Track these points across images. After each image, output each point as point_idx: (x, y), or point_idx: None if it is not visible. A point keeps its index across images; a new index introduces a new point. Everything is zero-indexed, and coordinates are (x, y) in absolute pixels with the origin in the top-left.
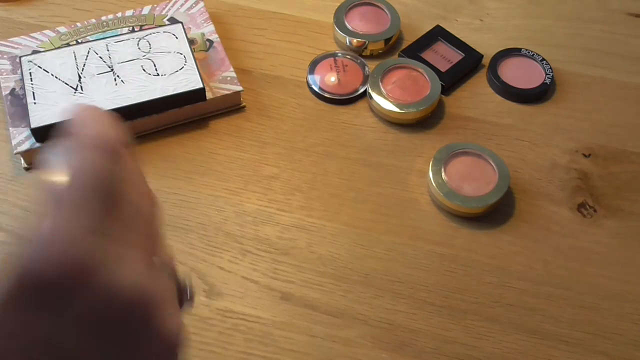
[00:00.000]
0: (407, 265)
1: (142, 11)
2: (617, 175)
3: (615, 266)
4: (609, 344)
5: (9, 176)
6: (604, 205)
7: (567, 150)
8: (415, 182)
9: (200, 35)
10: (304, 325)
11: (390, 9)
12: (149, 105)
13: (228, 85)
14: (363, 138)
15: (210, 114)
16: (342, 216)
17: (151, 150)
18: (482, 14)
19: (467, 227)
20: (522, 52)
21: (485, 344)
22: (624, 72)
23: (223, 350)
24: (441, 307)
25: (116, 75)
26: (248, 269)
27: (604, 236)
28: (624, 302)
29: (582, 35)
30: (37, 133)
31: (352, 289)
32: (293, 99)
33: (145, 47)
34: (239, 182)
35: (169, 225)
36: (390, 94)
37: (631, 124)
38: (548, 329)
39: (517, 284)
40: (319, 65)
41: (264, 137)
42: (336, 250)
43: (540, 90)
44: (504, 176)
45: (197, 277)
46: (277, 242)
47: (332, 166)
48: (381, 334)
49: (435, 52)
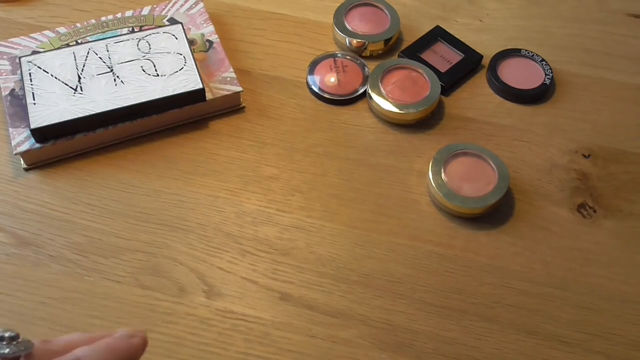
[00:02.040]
0: (407, 266)
1: (142, 12)
2: (617, 175)
3: (615, 267)
4: (608, 344)
5: (9, 177)
6: (604, 205)
7: (567, 151)
8: (414, 182)
9: (200, 36)
10: (304, 325)
11: (390, 9)
12: (149, 106)
13: (228, 85)
14: (363, 138)
15: (209, 114)
16: (342, 217)
17: (151, 151)
18: (481, 14)
19: (467, 227)
20: (521, 53)
21: (485, 345)
22: (624, 73)
23: (223, 350)
24: (441, 307)
25: (116, 76)
26: (247, 270)
27: (603, 237)
28: (623, 303)
29: (581, 36)
30: (36, 134)
31: (352, 289)
32: (293, 100)
33: (145, 48)
34: (238, 182)
35: (169, 225)
36: (390, 95)
37: (631, 124)
38: (547, 329)
39: (516, 284)
40: (319, 66)
41: (264, 137)
42: (336, 250)
43: (539, 90)
44: (503, 177)
45: (197, 277)
46: (276, 243)
47: (331, 167)
48: (381, 335)
49: (435, 52)
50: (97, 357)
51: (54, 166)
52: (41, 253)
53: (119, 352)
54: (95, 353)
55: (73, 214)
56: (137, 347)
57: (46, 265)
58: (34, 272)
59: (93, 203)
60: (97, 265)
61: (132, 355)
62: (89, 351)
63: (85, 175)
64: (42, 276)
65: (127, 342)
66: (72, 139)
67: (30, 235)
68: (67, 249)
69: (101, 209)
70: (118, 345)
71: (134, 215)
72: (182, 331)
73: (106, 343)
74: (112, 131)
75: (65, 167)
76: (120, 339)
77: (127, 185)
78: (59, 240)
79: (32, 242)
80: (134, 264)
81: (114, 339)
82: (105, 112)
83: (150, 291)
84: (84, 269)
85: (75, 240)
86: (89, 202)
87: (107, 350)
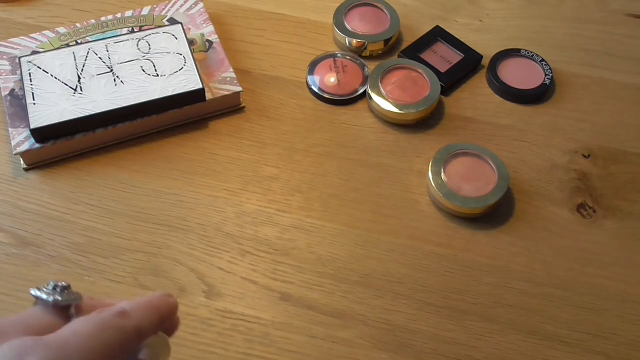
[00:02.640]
0: (407, 266)
1: (142, 12)
2: (617, 175)
3: (615, 267)
4: (608, 344)
5: (9, 177)
6: (604, 205)
7: (567, 151)
8: (414, 182)
9: (200, 36)
10: (304, 325)
11: (389, 9)
12: (149, 106)
13: (227, 85)
14: (362, 138)
15: (209, 114)
16: (342, 217)
17: (151, 151)
18: (481, 14)
19: (467, 227)
20: (521, 53)
21: (485, 345)
22: (624, 73)
23: (222, 350)
24: (440, 307)
25: (115, 76)
26: (247, 270)
27: (603, 237)
28: (624, 303)
29: (581, 36)
30: (36, 133)
31: (352, 289)
32: (292, 100)
33: (144, 48)
34: (238, 182)
35: (169, 225)
36: (390, 95)
37: (630, 124)
38: (547, 329)
39: (516, 284)
40: (319, 66)
41: (264, 137)
42: (335, 250)
43: (539, 90)
44: (503, 177)
45: (197, 277)
46: (276, 243)
47: (331, 167)
48: (380, 335)
49: (434, 52)
50: (140, 310)
51: (53, 166)
52: (41, 253)
53: (159, 309)
54: (138, 307)
55: (73, 214)
56: (174, 305)
57: (46, 265)
58: (34, 272)
59: (93, 203)
60: (97, 265)
61: (170, 312)
62: (134, 305)
63: (85, 175)
64: (42, 276)
65: (166, 300)
66: (72, 138)
67: (30, 235)
68: (67, 249)
69: (101, 209)
70: (158, 302)
71: (133, 215)
72: (182, 331)
73: (147, 300)
74: (111, 131)
75: (65, 167)
76: (159, 297)
77: (126, 185)
78: (58, 240)
79: (32, 242)
80: (134, 264)
81: (154, 297)
82: (105, 112)
83: (150, 291)
84: (83, 269)
85: (75, 240)
86: (89, 202)
87: (149, 306)
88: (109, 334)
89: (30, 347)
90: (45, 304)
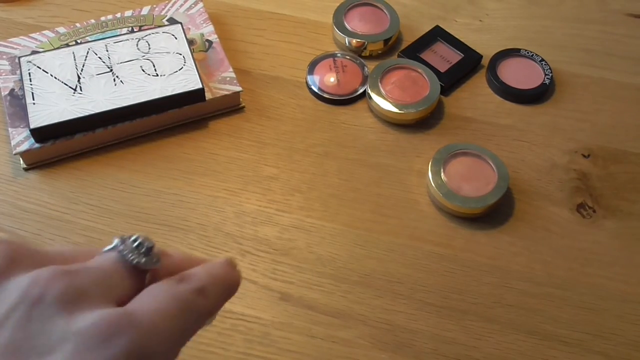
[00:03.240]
0: (407, 266)
1: (142, 12)
2: (617, 175)
3: (615, 267)
4: (608, 344)
5: (8, 176)
6: (604, 205)
7: (567, 151)
8: (414, 182)
9: (200, 36)
10: (303, 325)
11: (389, 9)
12: (148, 106)
13: (227, 85)
14: (362, 138)
15: (209, 114)
16: (342, 217)
17: (151, 151)
18: (481, 14)
19: (467, 227)
20: (521, 53)
21: (485, 345)
22: (623, 73)
23: (222, 350)
24: (440, 307)
25: (115, 76)
26: (247, 270)
27: (603, 237)
28: (624, 303)
29: (581, 36)
30: (36, 133)
31: (352, 289)
32: (292, 100)
33: (144, 48)
34: (238, 182)
35: (169, 225)
36: (390, 95)
37: (630, 124)
38: (547, 329)
39: (516, 284)
40: (318, 66)
41: (263, 137)
42: (335, 250)
43: (539, 90)
44: (503, 177)
45: None
46: (276, 243)
47: (331, 167)
48: (380, 335)
49: (434, 52)
50: (217, 290)
51: (53, 166)
52: None
53: (231, 291)
54: (215, 285)
55: (73, 214)
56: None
57: None
58: None
59: (93, 203)
60: None
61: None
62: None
63: (84, 175)
64: None
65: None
66: (72, 138)
67: (30, 235)
68: None
69: (101, 209)
70: (232, 281)
71: (133, 215)
72: None
73: (223, 278)
74: (111, 131)
75: (65, 167)
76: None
77: (126, 185)
78: (58, 240)
79: (32, 242)
80: None
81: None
82: (104, 112)
83: None
84: None
85: (75, 240)
86: (89, 202)
87: (224, 285)
88: (187, 318)
89: (118, 325)
90: (123, 261)
